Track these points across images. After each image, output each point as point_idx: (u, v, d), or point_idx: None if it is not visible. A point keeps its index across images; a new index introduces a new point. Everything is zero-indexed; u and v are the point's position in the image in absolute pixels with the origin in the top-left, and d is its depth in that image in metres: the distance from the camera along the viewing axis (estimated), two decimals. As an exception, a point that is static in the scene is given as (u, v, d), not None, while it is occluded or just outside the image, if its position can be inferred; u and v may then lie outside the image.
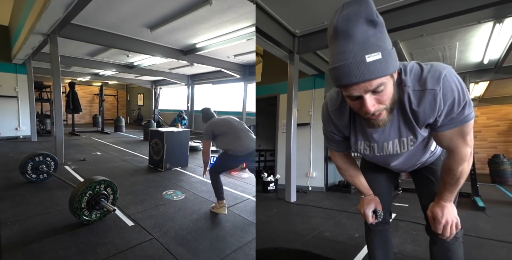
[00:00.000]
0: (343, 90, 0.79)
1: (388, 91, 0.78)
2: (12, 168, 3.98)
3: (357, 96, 0.77)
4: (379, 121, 0.84)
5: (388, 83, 0.77)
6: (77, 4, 3.28)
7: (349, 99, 0.82)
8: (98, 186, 2.31)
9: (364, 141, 1.05)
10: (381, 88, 0.75)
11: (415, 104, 0.85)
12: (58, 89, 4.63)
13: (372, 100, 0.77)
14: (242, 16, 4.12)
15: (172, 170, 4.33)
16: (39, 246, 1.92)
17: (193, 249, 1.97)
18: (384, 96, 0.78)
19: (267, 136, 6.77)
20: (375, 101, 0.78)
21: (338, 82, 0.75)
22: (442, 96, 0.81)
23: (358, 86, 0.74)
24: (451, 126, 0.89)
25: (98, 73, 10.82)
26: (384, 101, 0.79)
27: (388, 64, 0.72)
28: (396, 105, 0.86)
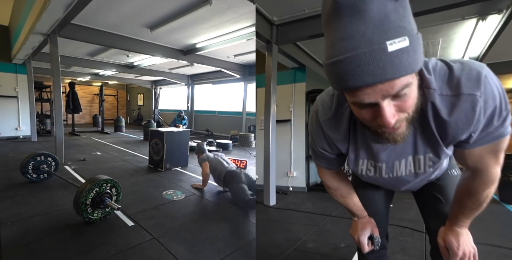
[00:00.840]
0: (350, 95, 0.56)
1: (413, 94, 0.56)
2: (12, 168, 3.98)
3: (370, 104, 0.55)
4: (397, 136, 0.62)
5: (414, 84, 0.55)
6: (77, 4, 3.28)
7: (356, 107, 0.59)
8: (104, 185, 2.33)
9: (368, 159, 0.82)
10: (404, 92, 0.53)
11: (445, 113, 0.63)
12: (58, 89, 4.63)
13: (392, 108, 0.54)
14: (242, 16, 4.12)
15: (172, 170, 4.33)
16: (39, 246, 1.93)
17: (193, 249, 1.98)
18: (407, 102, 0.55)
19: None
20: (395, 110, 0.55)
21: (344, 84, 0.51)
22: (483, 104, 0.60)
23: (374, 90, 0.51)
24: (484, 143, 0.68)
25: (98, 73, 10.83)
26: (406, 109, 0.57)
27: (417, 55, 0.50)
28: None
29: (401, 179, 0.84)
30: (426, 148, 0.73)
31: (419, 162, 0.76)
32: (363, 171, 0.86)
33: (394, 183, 0.87)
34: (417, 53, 0.50)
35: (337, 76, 0.51)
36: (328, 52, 0.52)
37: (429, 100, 0.63)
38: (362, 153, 0.82)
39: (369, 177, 0.88)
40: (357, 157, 0.83)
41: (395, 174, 0.82)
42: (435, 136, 0.69)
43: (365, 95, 0.52)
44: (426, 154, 0.74)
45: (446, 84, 0.62)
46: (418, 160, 0.76)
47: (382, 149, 0.77)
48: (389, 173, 0.83)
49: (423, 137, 0.71)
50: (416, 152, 0.75)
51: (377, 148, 0.77)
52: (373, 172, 0.85)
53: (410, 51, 0.48)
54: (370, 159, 0.82)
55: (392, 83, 0.50)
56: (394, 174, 0.82)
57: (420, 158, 0.76)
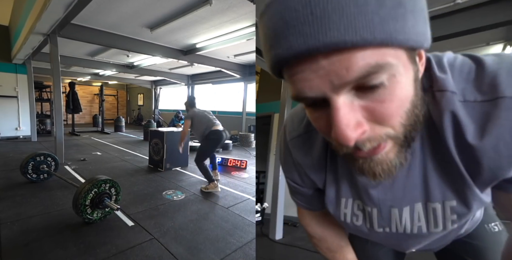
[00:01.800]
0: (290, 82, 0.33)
1: (399, 91, 0.31)
2: (12, 168, 3.98)
3: (318, 100, 0.32)
4: (375, 166, 0.36)
5: (403, 74, 0.31)
6: (77, 4, 3.28)
7: (306, 108, 0.37)
8: (103, 185, 2.33)
9: (354, 199, 0.53)
10: (378, 80, 0.29)
11: (475, 132, 0.37)
12: (58, 89, 4.63)
13: (354, 111, 0.31)
14: (242, 16, 4.12)
15: (172, 170, 4.34)
16: (39, 246, 1.93)
17: (193, 249, 1.98)
18: (389, 102, 0.31)
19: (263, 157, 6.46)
20: (361, 114, 0.32)
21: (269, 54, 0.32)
22: None
23: (316, 69, 0.29)
24: None
25: (98, 73, 10.83)
26: (388, 118, 0.32)
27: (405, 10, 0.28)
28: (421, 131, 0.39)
29: (405, 237, 0.52)
30: (445, 191, 0.43)
31: (435, 213, 0.45)
32: (347, 218, 0.55)
33: (394, 241, 0.55)
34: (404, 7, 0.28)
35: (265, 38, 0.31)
36: None
37: (447, 110, 0.38)
38: (344, 188, 0.53)
39: (357, 229, 0.56)
40: (339, 194, 0.54)
41: (394, 229, 0.51)
42: (460, 170, 0.40)
43: (304, 82, 0.30)
44: (446, 200, 0.44)
45: (472, 85, 0.38)
46: (434, 211, 0.45)
47: (372, 184, 0.48)
48: (385, 226, 0.51)
49: (440, 171, 0.42)
50: (428, 197, 0.45)
51: (364, 182, 0.48)
52: (361, 220, 0.53)
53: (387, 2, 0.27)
54: (357, 198, 0.52)
55: (349, 55, 0.27)
56: (392, 228, 0.51)
57: (437, 207, 0.45)
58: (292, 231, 3.59)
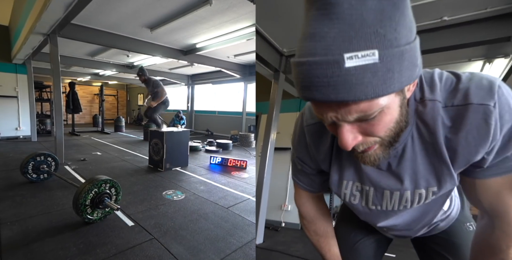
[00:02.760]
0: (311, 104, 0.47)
1: (388, 117, 0.45)
2: (12, 168, 3.98)
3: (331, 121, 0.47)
4: (366, 157, 0.52)
5: (390, 107, 0.44)
6: (77, 4, 3.28)
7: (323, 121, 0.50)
8: (103, 185, 2.33)
9: (354, 181, 0.66)
10: (370, 117, 0.43)
11: (453, 129, 0.51)
12: (58, 89, 4.63)
13: (352, 132, 0.46)
14: (242, 16, 4.12)
15: (172, 170, 4.34)
16: (39, 246, 1.93)
17: (193, 249, 1.98)
18: (377, 126, 0.46)
19: None
20: (359, 132, 0.47)
21: (299, 91, 0.44)
22: (499, 117, 0.48)
23: (329, 108, 0.43)
24: (501, 172, 0.55)
25: (98, 73, 10.83)
26: (376, 133, 0.47)
27: (392, 73, 0.38)
28: (411, 128, 0.55)
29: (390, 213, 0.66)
30: (431, 178, 0.57)
31: (420, 197, 0.59)
32: (347, 197, 0.68)
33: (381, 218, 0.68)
34: (392, 72, 0.38)
35: (297, 79, 0.43)
36: (297, 48, 0.43)
37: (437, 115, 0.52)
38: (347, 171, 0.66)
39: (354, 206, 0.70)
40: (341, 177, 0.67)
41: (385, 207, 0.64)
42: (445, 158, 0.54)
43: (321, 112, 0.45)
44: (429, 186, 0.58)
45: (451, 94, 0.52)
46: (419, 195, 0.59)
47: (371, 168, 0.62)
48: (378, 204, 0.65)
49: (428, 162, 0.56)
50: (416, 184, 0.58)
51: (365, 166, 0.62)
52: (358, 199, 0.67)
53: (378, 70, 0.37)
54: (357, 180, 0.66)
55: (348, 107, 0.41)
56: (383, 206, 0.64)
57: (422, 192, 0.58)
58: (273, 235, 3.58)
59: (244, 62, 7.75)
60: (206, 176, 4.10)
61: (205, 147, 6.72)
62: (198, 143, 7.01)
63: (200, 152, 6.26)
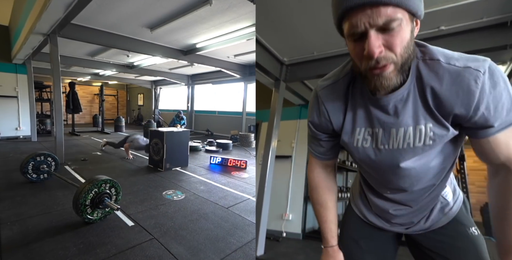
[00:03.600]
0: (345, 25, 0.60)
1: (402, 33, 0.57)
2: (12, 168, 3.98)
3: (361, 34, 0.58)
4: (383, 79, 0.61)
5: (404, 24, 0.56)
6: (77, 4, 3.28)
7: (351, 43, 0.62)
8: (103, 185, 2.33)
9: (366, 127, 0.74)
10: (393, 25, 0.55)
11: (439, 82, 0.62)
12: (58, 89, 4.63)
13: (378, 40, 0.56)
14: (242, 16, 4.12)
15: (172, 170, 4.34)
16: (39, 246, 1.93)
17: (193, 249, 1.98)
18: (396, 38, 0.56)
19: None
20: (381, 42, 0.57)
21: (340, 5, 0.57)
22: (488, 81, 0.59)
23: (364, 15, 0.55)
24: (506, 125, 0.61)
25: (98, 73, 10.83)
26: (394, 47, 0.57)
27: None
28: (413, 78, 0.65)
29: (397, 153, 0.71)
30: (427, 117, 0.66)
31: (420, 133, 0.67)
32: (359, 142, 0.75)
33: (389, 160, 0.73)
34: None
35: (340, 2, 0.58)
36: None
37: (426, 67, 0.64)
38: (359, 120, 0.74)
39: (364, 151, 0.75)
40: (355, 125, 0.75)
41: (392, 145, 0.71)
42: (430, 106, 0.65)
43: (355, 21, 0.57)
44: (427, 123, 0.66)
45: (447, 57, 0.63)
46: (420, 131, 0.67)
47: (380, 111, 0.71)
48: (386, 143, 0.72)
49: (423, 105, 0.66)
50: (417, 121, 0.67)
51: (375, 112, 0.71)
52: (369, 142, 0.74)
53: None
54: (368, 126, 0.74)
55: (378, 9, 0.54)
56: (391, 145, 0.71)
57: (422, 128, 0.67)
58: (274, 246, 3.46)
59: (244, 62, 7.75)
60: (206, 176, 4.11)
61: (205, 147, 6.72)
62: (198, 143, 7.01)
63: (200, 152, 6.26)
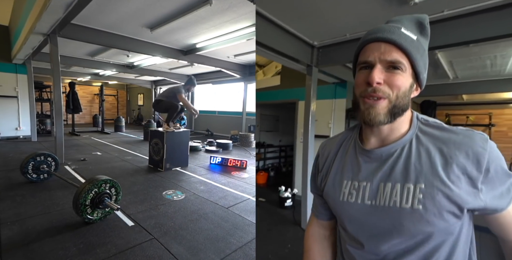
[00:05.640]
0: (362, 53, 0.65)
1: (403, 79, 0.61)
2: (12, 168, 3.98)
3: (369, 65, 0.63)
4: (372, 110, 0.62)
5: (407, 74, 0.62)
6: (77, 4, 3.28)
7: (358, 72, 0.66)
8: (103, 185, 2.33)
9: (352, 180, 0.70)
10: (397, 66, 0.61)
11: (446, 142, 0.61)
12: (58, 89, 4.63)
13: (382, 74, 0.61)
14: (242, 16, 4.12)
15: (172, 170, 4.34)
16: (39, 246, 1.93)
17: (193, 249, 1.98)
18: (397, 78, 0.61)
19: (287, 131, 6.50)
20: (383, 77, 0.61)
21: (364, 38, 0.65)
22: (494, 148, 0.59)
23: (378, 48, 0.62)
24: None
25: (98, 73, 10.83)
26: (394, 85, 0.61)
27: (418, 51, 0.62)
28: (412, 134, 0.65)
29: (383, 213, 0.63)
30: (420, 176, 0.61)
31: (408, 191, 0.61)
32: (345, 196, 0.70)
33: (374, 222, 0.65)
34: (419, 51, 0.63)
35: (365, 35, 0.66)
36: None
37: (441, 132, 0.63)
38: (347, 171, 0.71)
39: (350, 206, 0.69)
40: (342, 176, 0.72)
41: (378, 202, 0.64)
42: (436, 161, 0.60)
43: (369, 52, 0.63)
44: (418, 183, 0.60)
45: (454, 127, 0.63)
46: (408, 189, 0.61)
47: (368, 164, 0.68)
48: (372, 199, 0.65)
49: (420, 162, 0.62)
50: (406, 178, 0.62)
51: (364, 162, 0.68)
52: (354, 196, 0.68)
53: (415, 43, 0.62)
54: (355, 179, 0.69)
55: (390, 50, 0.61)
56: (377, 201, 0.64)
57: (410, 187, 0.61)
58: None
59: (244, 62, 7.75)
60: (206, 176, 4.11)
61: (205, 147, 6.72)
62: (198, 143, 7.01)
63: (200, 152, 6.27)
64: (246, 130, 8.68)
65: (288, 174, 5.69)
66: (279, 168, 6.45)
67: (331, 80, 4.43)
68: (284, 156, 6.78)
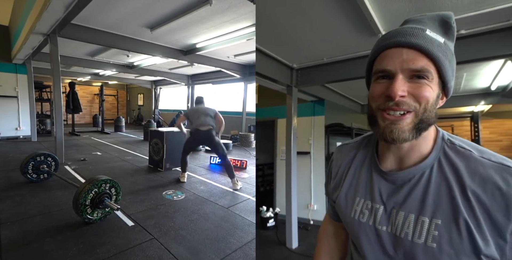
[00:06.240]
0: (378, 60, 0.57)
1: (430, 90, 0.53)
2: (12, 168, 3.98)
3: (387, 75, 0.55)
4: (395, 128, 0.54)
5: (433, 82, 0.54)
6: (77, 4, 3.28)
7: (374, 82, 0.58)
8: (103, 185, 2.33)
9: (365, 199, 0.64)
10: (424, 75, 0.53)
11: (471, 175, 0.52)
12: (58, 89, 4.63)
13: (404, 85, 0.53)
14: (242, 16, 4.12)
15: (172, 170, 4.34)
16: (39, 246, 1.93)
17: (193, 249, 1.98)
18: (424, 88, 0.53)
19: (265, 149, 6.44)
20: (407, 88, 0.53)
21: (381, 43, 0.57)
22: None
23: (399, 55, 0.53)
24: None
25: (98, 73, 10.83)
26: (421, 97, 0.53)
27: (446, 56, 0.54)
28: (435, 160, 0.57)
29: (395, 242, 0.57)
30: (437, 209, 0.53)
31: (422, 226, 0.54)
32: (356, 214, 0.65)
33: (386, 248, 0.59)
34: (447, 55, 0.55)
35: (380, 40, 0.58)
36: None
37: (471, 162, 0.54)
38: (361, 188, 0.66)
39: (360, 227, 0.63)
40: (355, 193, 0.67)
41: (390, 228, 0.58)
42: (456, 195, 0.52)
43: (389, 59, 0.55)
44: (435, 218, 0.53)
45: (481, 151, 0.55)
46: (422, 223, 0.54)
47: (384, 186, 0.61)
48: (384, 225, 0.59)
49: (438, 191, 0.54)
50: (421, 211, 0.55)
51: (378, 181, 0.62)
52: (366, 217, 0.62)
53: (442, 47, 0.54)
54: (368, 198, 0.64)
55: (415, 56, 0.53)
56: (389, 228, 0.58)
57: (425, 220, 0.54)
58: (305, 236, 3.61)
59: (244, 62, 7.75)
60: (206, 176, 4.11)
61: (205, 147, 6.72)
62: (198, 143, 7.00)
63: (200, 152, 6.27)
64: (246, 130, 8.68)
65: (267, 193, 5.53)
66: (257, 187, 6.26)
67: (309, 98, 4.56)
68: (261, 175, 6.33)
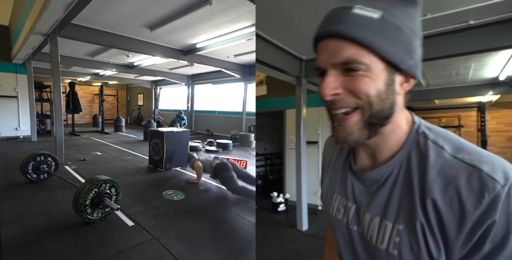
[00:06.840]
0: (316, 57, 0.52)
1: (368, 81, 0.45)
2: (12, 168, 3.98)
3: (323, 72, 0.49)
4: (341, 129, 0.49)
5: (373, 72, 0.45)
6: (77, 4, 3.28)
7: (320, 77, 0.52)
8: (104, 185, 2.33)
9: (341, 196, 0.62)
10: (354, 66, 0.45)
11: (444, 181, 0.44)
12: (58, 89, 4.63)
13: (336, 81, 0.47)
14: (242, 16, 4.12)
15: (172, 170, 4.34)
16: (39, 246, 1.93)
17: (193, 249, 1.98)
18: (360, 83, 0.45)
19: (273, 139, 6.63)
20: (340, 84, 0.47)
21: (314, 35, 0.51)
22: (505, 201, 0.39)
23: (326, 48, 0.47)
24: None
25: (98, 73, 10.83)
26: (358, 91, 0.46)
27: (386, 34, 0.44)
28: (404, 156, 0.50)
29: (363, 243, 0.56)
30: (398, 216, 0.49)
31: (385, 231, 0.50)
32: (334, 210, 0.63)
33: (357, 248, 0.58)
34: (384, 35, 0.44)
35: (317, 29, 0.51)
36: None
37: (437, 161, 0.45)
38: (338, 185, 0.63)
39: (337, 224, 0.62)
40: (334, 189, 0.65)
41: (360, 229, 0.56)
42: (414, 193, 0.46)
43: (320, 54, 0.49)
44: (397, 224, 0.48)
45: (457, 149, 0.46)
46: (385, 228, 0.50)
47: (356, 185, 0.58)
48: (354, 225, 0.57)
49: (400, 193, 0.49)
50: (385, 214, 0.50)
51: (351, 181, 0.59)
52: (342, 214, 0.61)
53: (375, 25, 0.44)
54: (343, 195, 0.61)
55: (340, 44, 0.45)
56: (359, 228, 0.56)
57: (388, 225, 0.50)
58: (314, 220, 3.87)
59: (244, 62, 7.75)
60: (206, 176, 4.10)
61: (205, 147, 6.73)
62: (198, 143, 7.01)
63: (200, 152, 6.26)
64: (246, 129, 8.68)
65: (276, 182, 5.85)
66: (266, 176, 6.45)
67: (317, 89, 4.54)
68: (270, 164, 6.72)
